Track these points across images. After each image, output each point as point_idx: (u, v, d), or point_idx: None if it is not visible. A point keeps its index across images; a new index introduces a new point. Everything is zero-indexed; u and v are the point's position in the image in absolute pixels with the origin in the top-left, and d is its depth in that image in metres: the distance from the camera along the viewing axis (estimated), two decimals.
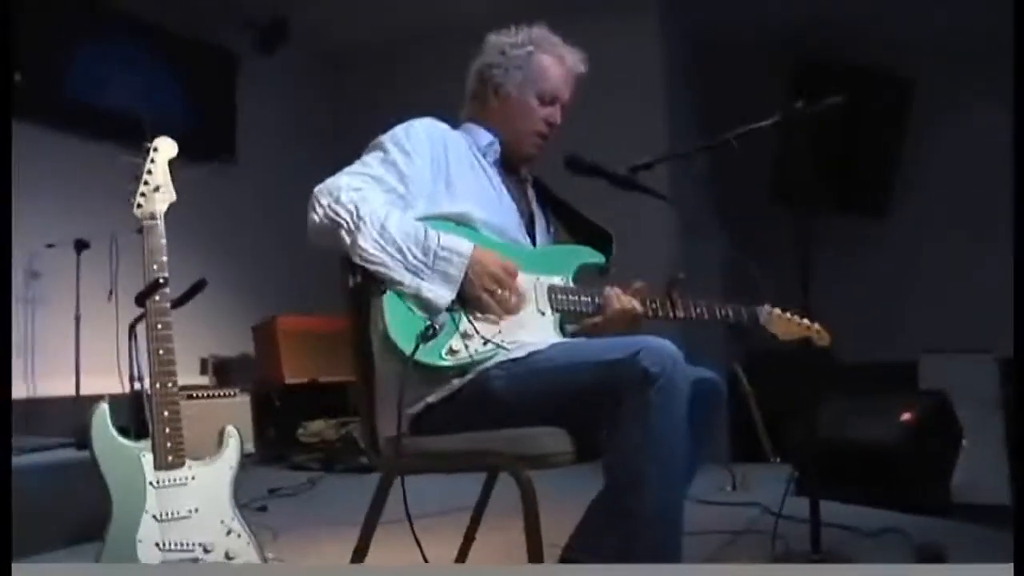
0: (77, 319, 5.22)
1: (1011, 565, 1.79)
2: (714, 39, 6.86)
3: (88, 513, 3.30)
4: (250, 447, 5.10)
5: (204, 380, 6.05)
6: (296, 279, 6.69)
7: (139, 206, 2.16)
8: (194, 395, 5.07)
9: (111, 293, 5.21)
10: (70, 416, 4.98)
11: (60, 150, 5.64)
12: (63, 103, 5.74)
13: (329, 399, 6.07)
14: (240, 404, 5.35)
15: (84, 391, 5.15)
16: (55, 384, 5.31)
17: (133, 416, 3.14)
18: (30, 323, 5.45)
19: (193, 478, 2.03)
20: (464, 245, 1.99)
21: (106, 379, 5.17)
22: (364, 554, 2.10)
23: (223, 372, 6.12)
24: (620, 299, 2.18)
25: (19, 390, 5.31)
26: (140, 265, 5.23)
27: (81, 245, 5.24)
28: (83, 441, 3.63)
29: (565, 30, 2.39)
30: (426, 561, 2.18)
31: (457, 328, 1.95)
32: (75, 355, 5.18)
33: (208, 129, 6.47)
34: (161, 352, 2.08)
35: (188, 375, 5.81)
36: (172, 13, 6.23)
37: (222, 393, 5.32)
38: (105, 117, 5.87)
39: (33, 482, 3.40)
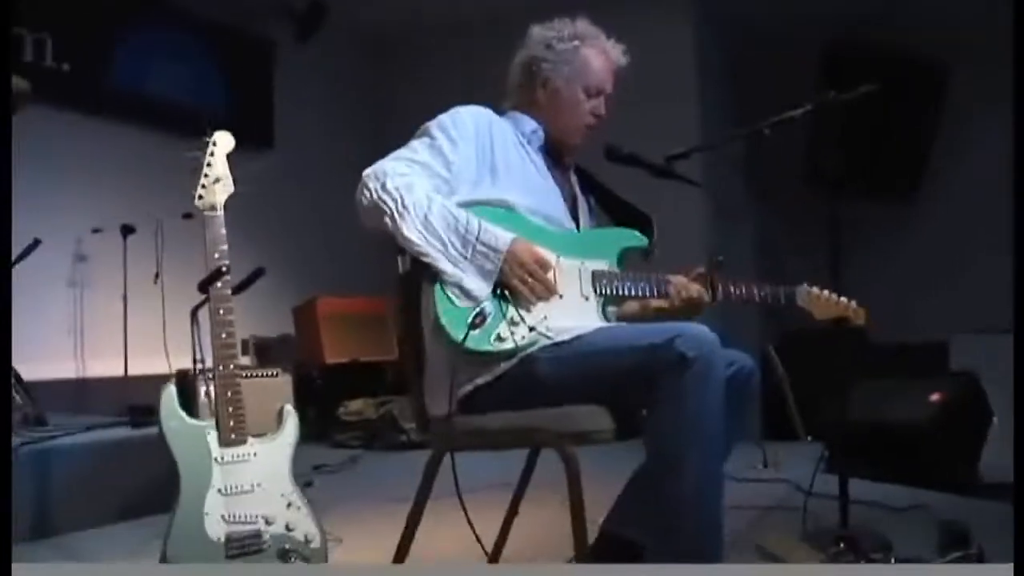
0: (124, 301, 5.37)
1: (1011, 565, 1.80)
2: (746, 29, 6.90)
3: (142, 489, 3.49)
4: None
5: (246, 360, 6.19)
6: (335, 262, 6.85)
7: (200, 197, 2.25)
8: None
9: (157, 276, 5.38)
10: (119, 395, 5.17)
11: (106, 137, 5.79)
12: (108, 91, 5.89)
13: (369, 378, 6.22)
14: (282, 384, 5.45)
15: (132, 371, 5.32)
16: (104, 365, 5.49)
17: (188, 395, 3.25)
18: (78, 305, 5.61)
19: (255, 454, 2.15)
20: (501, 240, 2.07)
21: (153, 359, 5.34)
22: (414, 529, 2.22)
23: (264, 352, 6.25)
24: (688, 287, 2.29)
25: (68, 370, 5.47)
26: (184, 250, 5.39)
27: (127, 230, 5.39)
28: (137, 419, 3.81)
29: (600, 21, 2.47)
30: (476, 535, 2.29)
31: (504, 316, 2.05)
32: (123, 336, 5.35)
33: (246, 116, 6.59)
34: (224, 336, 2.20)
35: None
36: (211, 1, 6.36)
37: (265, 373, 5.44)
38: (149, 105, 6.04)
39: (89, 459, 3.52)
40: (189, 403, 2.16)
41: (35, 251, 4.22)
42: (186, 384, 3.17)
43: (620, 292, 2.26)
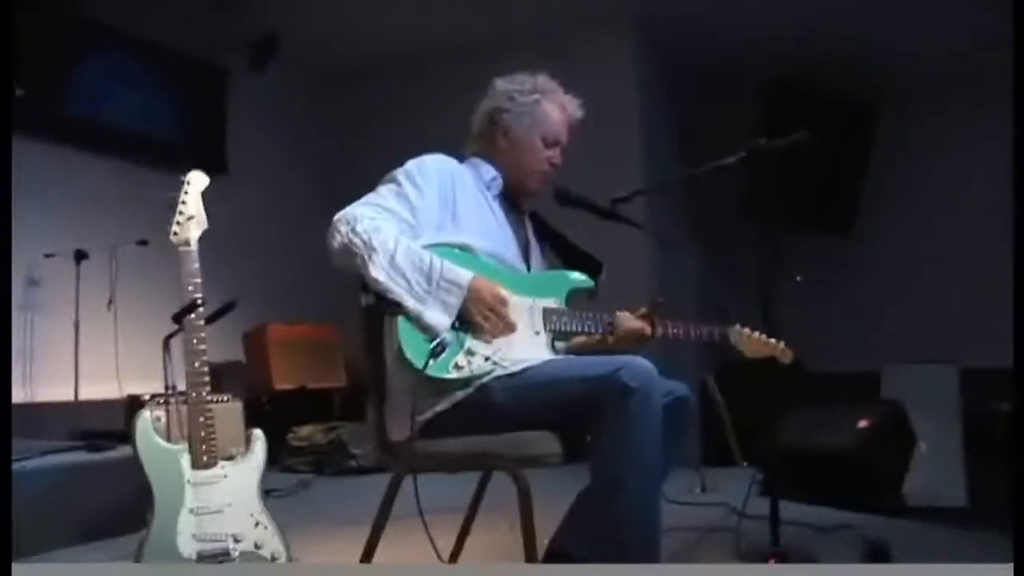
0: (76, 326, 5.39)
1: (1011, 565, 1.86)
2: (688, 66, 7.14)
3: (104, 512, 3.56)
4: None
5: None
6: (283, 289, 6.92)
7: (175, 234, 2.37)
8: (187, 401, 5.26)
9: (110, 302, 5.43)
10: (68, 420, 5.20)
11: (59, 163, 5.81)
12: (63, 118, 5.92)
13: (317, 405, 6.31)
14: (232, 409, 5.52)
15: (82, 396, 5.35)
16: (53, 390, 5.48)
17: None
18: (29, 330, 5.60)
19: (225, 476, 2.28)
20: (463, 277, 2.25)
21: (103, 384, 5.38)
22: (374, 547, 2.37)
23: (214, 378, 6.26)
24: (632, 321, 2.48)
25: (17, 395, 5.43)
26: (138, 276, 5.43)
27: (80, 255, 5.41)
28: (96, 444, 3.88)
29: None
30: (436, 550, 2.43)
31: (462, 347, 2.22)
32: (74, 361, 5.37)
33: (199, 143, 6.66)
34: (196, 364, 2.34)
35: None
36: (165, 30, 6.41)
37: (215, 399, 5.50)
38: (103, 131, 6.10)
39: (47, 483, 3.57)
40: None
41: None
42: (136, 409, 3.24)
43: (568, 328, 2.44)
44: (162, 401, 3.95)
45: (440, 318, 2.21)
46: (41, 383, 5.60)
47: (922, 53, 6.68)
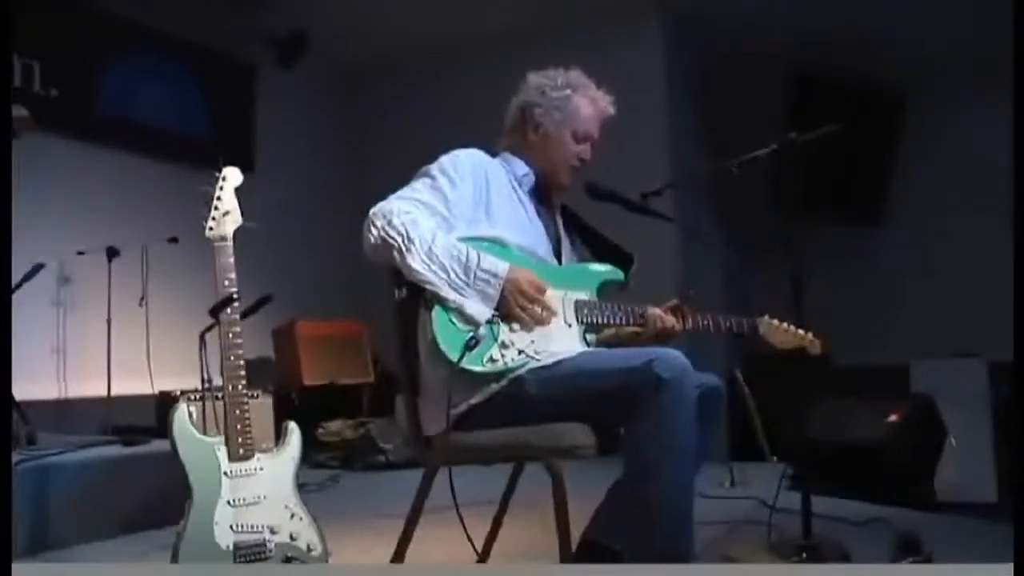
0: (108, 323, 5.44)
1: (1011, 565, 1.87)
2: (715, 58, 7.13)
3: (139, 505, 3.61)
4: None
5: None
6: (312, 286, 6.97)
7: (210, 229, 2.40)
8: (219, 397, 5.31)
9: (142, 299, 5.48)
10: (101, 416, 5.26)
11: (91, 162, 5.91)
12: (94, 117, 6.01)
13: (346, 401, 6.34)
14: (262, 405, 5.57)
15: (114, 392, 5.41)
16: (86, 386, 5.56)
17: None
18: (62, 327, 5.68)
19: (261, 468, 2.30)
20: (500, 267, 2.27)
21: (135, 381, 5.44)
22: (408, 540, 2.40)
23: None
24: (663, 319, 2.48)
25: (51, 391, 5.54)
26: (169, 273, 5.47)
27: (112, 252, 5.45)
28: (130, 438, 3.93)
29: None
30: (472, 543, 2.46)
31: (496, 339, 2.24)
32: (107, 358, 5.43)
33: (228, 140, 6.72)
34: (232, 358, 2.37)
35: None
36: (194, 28, 6.50)
37: (247, 395, 5.54)
38: (133, 129, 6.18)
39: (84, 476, 3.62)
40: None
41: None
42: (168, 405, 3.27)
43: (600, 320, 2.45)
44: (195, 397, 4.02)
45: (480, 309, 2.24)
46: (74, 379, 5.67)
47: (951, 42, 6.62)
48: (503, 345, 2.24)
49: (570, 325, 2.40)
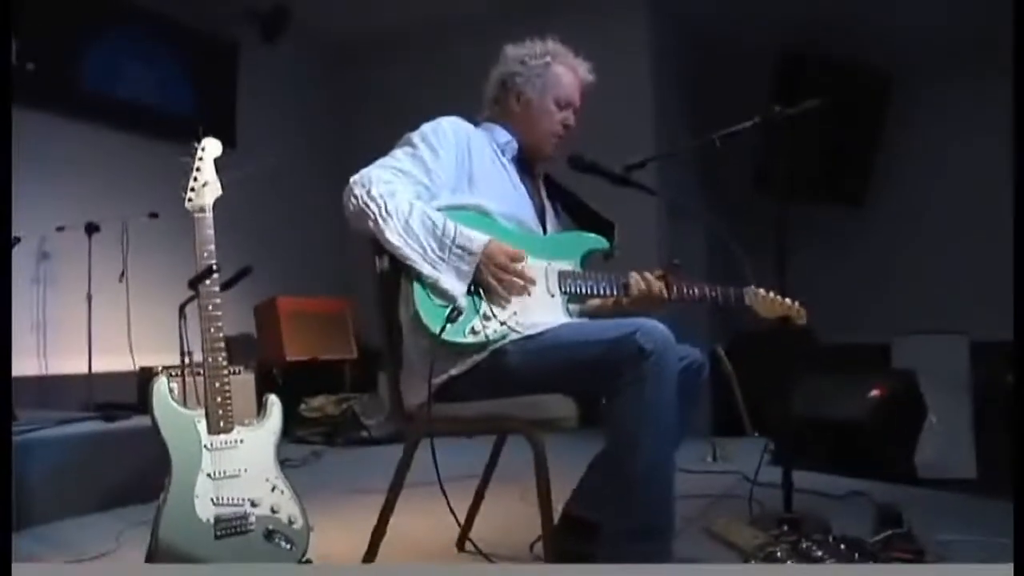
0: (89, 299, 5.41)
1: (1011, 565, 1.85)
2: (702, 32, 7.11)
3: (120, 481, 3.60)
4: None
5: None
6: (293, 262, 6.94)
7: (190, 200, 2.37)
8: (199, 372, 5.29)
9: (122, 275, 5.45)
10: (82, 392, 5.22)
11: (70, 136, 5.83)
12: (75, 91, 5.93)
13: (328, 377, 6.33)
14: (244, 381, 5.55)
15: (95, 369, 5.38)
16: (66, 362, 5.51)
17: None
18: (41, 303, 5.64)
19: (241, 441, 2.29)
20: (476, 243, 2.25)
21: (116, 357, 5.41)
22: (390, 512, 2.40)
23: (226, 350, 6.31)
24: (647, 282, 2.46)
25: (31, 367, 5.48)
26: (150, 249, 5.43)
27: (92, 228, 5.40)
28: (109, 414, 3.91)
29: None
30: (454, 515, 2.45)
31: (477, 311, 2.23)
32: (88, 334, 5.40)
33: (210, 116, 6.65)
34: (212, 330, 2.36)
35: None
36: (177, 3, 6.42)
37: (228, 371, 5.52)
38: (114, 105, 6.11)
39: (64, 453, 3.59)
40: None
41: None
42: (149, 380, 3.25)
43: (583, 291, 2.44)
44: (175, 373, 4.00)
45: (455, 284, 2.22)
46: (54, 356, 5.62)
47: (937, 23, 6.61)
48: (485, 317, 2.22)
49: (553, 296, 2.39)
